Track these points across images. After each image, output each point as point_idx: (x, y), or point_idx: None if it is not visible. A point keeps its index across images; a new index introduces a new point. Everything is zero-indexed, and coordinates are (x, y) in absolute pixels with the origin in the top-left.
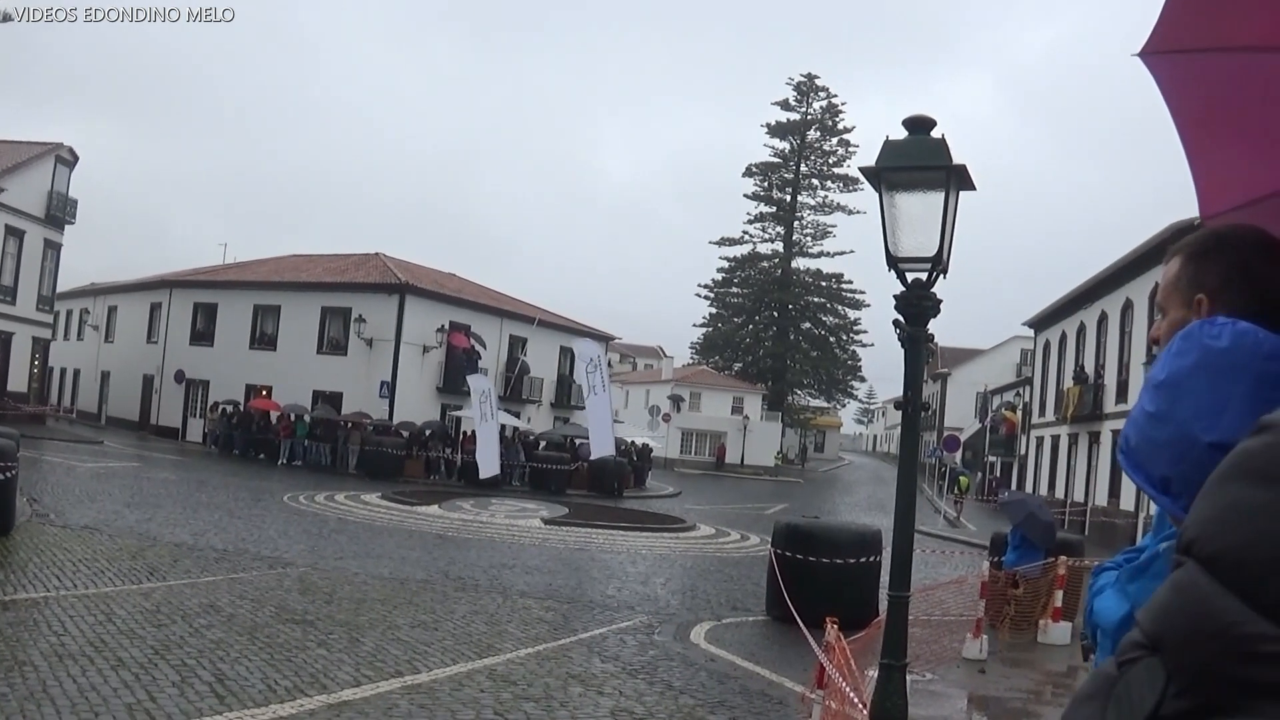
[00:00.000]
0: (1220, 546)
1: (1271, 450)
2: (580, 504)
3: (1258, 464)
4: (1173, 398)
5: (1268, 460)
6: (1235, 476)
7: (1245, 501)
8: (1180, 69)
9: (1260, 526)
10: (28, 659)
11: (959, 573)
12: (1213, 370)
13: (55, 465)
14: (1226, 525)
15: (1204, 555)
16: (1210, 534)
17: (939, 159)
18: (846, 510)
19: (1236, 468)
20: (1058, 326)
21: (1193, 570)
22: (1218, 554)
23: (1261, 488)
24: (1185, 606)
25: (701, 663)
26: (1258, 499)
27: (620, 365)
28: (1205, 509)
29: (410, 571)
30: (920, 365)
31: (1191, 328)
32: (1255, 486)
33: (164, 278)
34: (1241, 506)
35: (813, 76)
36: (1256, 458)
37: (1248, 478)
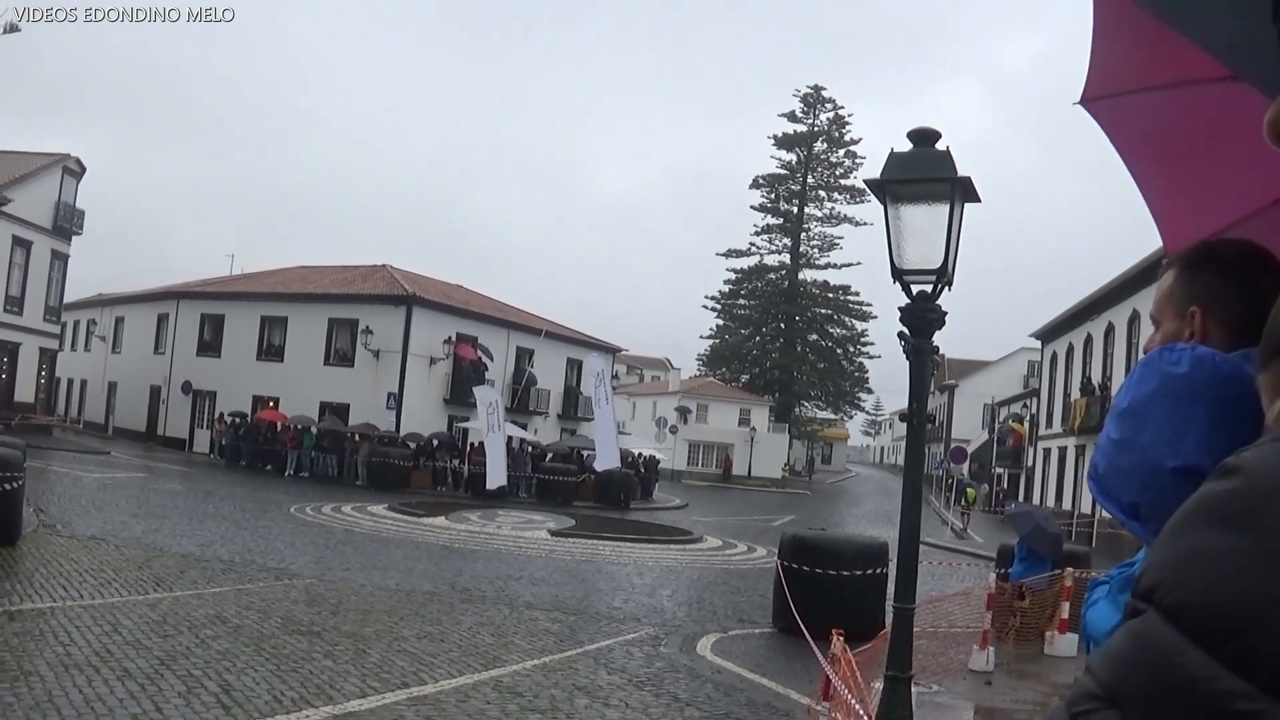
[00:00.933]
0: (1185, 596)
1: (1238, 496)
2: (587, 516)
3: (1223, 510)
4: (1136, 424)
5: (1233, 506)
6: (1199, 522)
7: (1211, 549)
8: (1121, 112)
9: (1228, 576)
10: (34, 669)
11: (966, 585)
12: (1173, 396)
13: (62, 475)
14: (1191, 574)
15: (1166, 604)
16: (1174, 582)
17: (944, 171)
18: (853, 522)
19: (1200, 512)
20: (1065, 338)
21: (1154, 620)
22: (1182, 604)
23: (1229, 534)
24: (1146, 659)
25: (708, 675)
26: (1227, 547)
27: (627, 377)
28: (1167, 554)
29: (417, 583)
30: (925, 377)
31: (1151, 355)
32: (1220, 532)
33: (171, 289)
34: (1207, 554)
35: (819, 88)
36: (1222, 502)
37: (1212, 524)
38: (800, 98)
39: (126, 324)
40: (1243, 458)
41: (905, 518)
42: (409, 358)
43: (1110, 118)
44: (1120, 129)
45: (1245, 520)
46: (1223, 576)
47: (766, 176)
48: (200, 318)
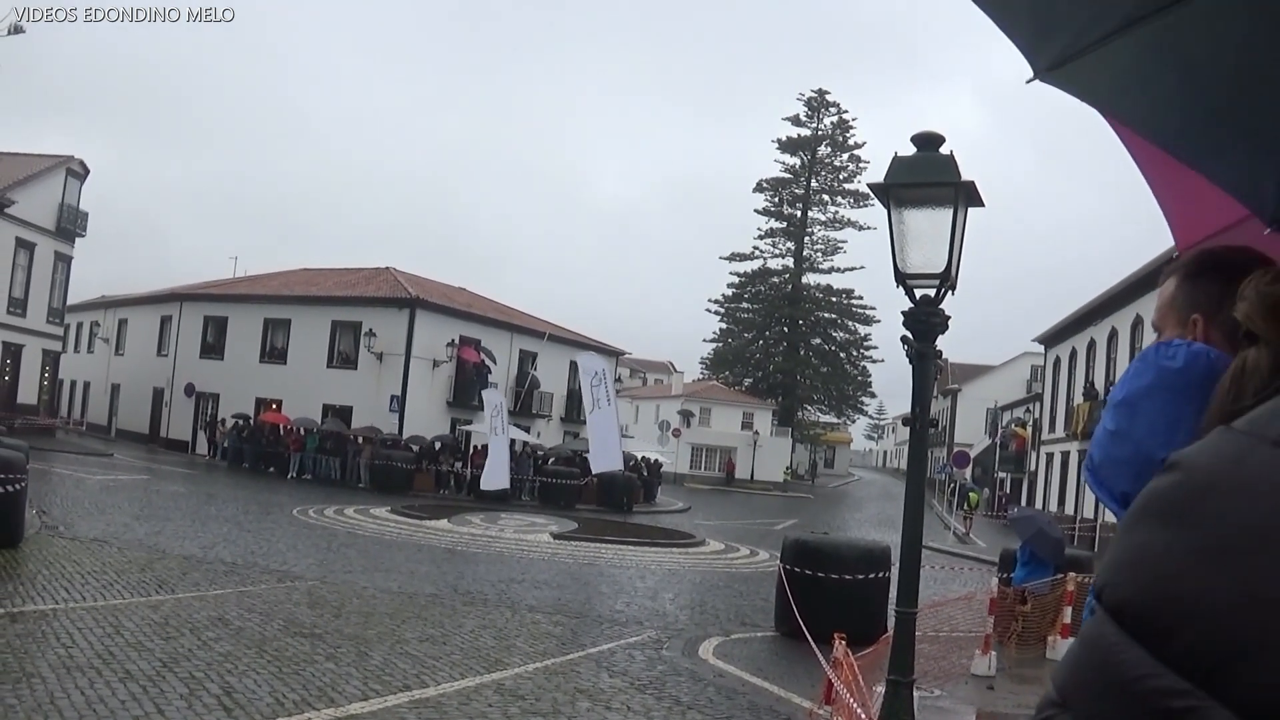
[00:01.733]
0: (1126, 594)
1: (1178, 489)
2: (589, 519)
3: (1164, 504)
4: (1130, 416)
5: (1173, 500)
6: (1142, 518)
7: (1150, 545)
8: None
9: (1165, 572)
10: (36, 671)
11: (968, 589)
12: (1168, 390)
13: (65, 477)
14: (1132, 572)
15: (1111, 603)
16: (1117, 580)
17: (947, 175)
18: (856, 526)
19: (1144, 509)
20: (1068, 343)
21: (1100, 620)
22: (1123, 602)
23: (1167, 529)
24: (1091, 659)
25: (709, 678)
26: (1163, 542)
27: (630, 380)
28: (1114, 553)
29: (419, 586)
30: (928, 381)
31: (1148, 350)
32: (1162, 528)
33: (174, 290)
34: (1147, 550)
35: (823, 92)
36: (1162, 497)
37: (1155, 519)
38: (804, 101)
39: (130, 326)
40: (1182, 453)
41: (907, 522)
42: (412, 360)
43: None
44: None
45: (1182, 516)
46: (1161, 574)
47: (770, 180)
48: (203, 320)
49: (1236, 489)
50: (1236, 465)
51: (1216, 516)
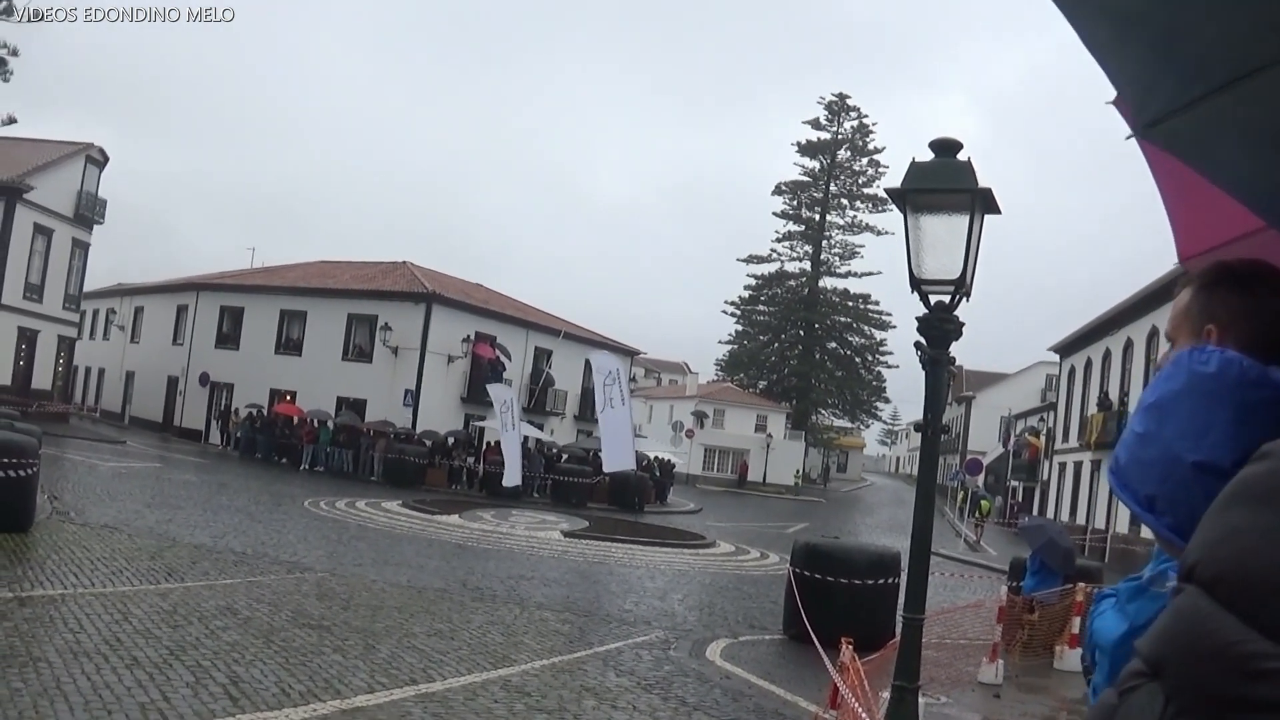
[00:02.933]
0: (1221, 569)
1: (1270, 476)
2: (601, 518)
3: (1259, 489)
4: (1160, 419)
5: (1264, 486)
6: (1237, 502)
7: (1247, 525)
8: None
9: (1260, 548)
10: (43, 655)
11: (977, 596)
12: (1199, 394)
13: (77, 464)
14: (1227, 549)
15: (1205, 578)
16: (1211, 557)
17: (964, 182)
18: (866, 531)
19: (1238, 494)
20: (1083, 353)
21: (1194, 594)
22: (1219, 576)
23: (1263, 512)
24: (1186, 629)
25: (716, 680)
26: (1259, 523)
27: (645, 380)
28: (1207, 534)
29: (428, 580)
30: (941, 387)
31: (1181, 354)
32: (1256, 511)
33: (191, 280)
34: (1243, 530)
35: (844, 96)
36: (1258, 483)
37: (1249, 503)
38: (825, 105)
39: (146, 314)
40: (1273, 444)
41: (917, 528)
42: (427, 355)
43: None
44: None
45: (1273, 499)
46: (1254, 549)
47: (789, 183)
48: (220, 310)
49: None
50: None
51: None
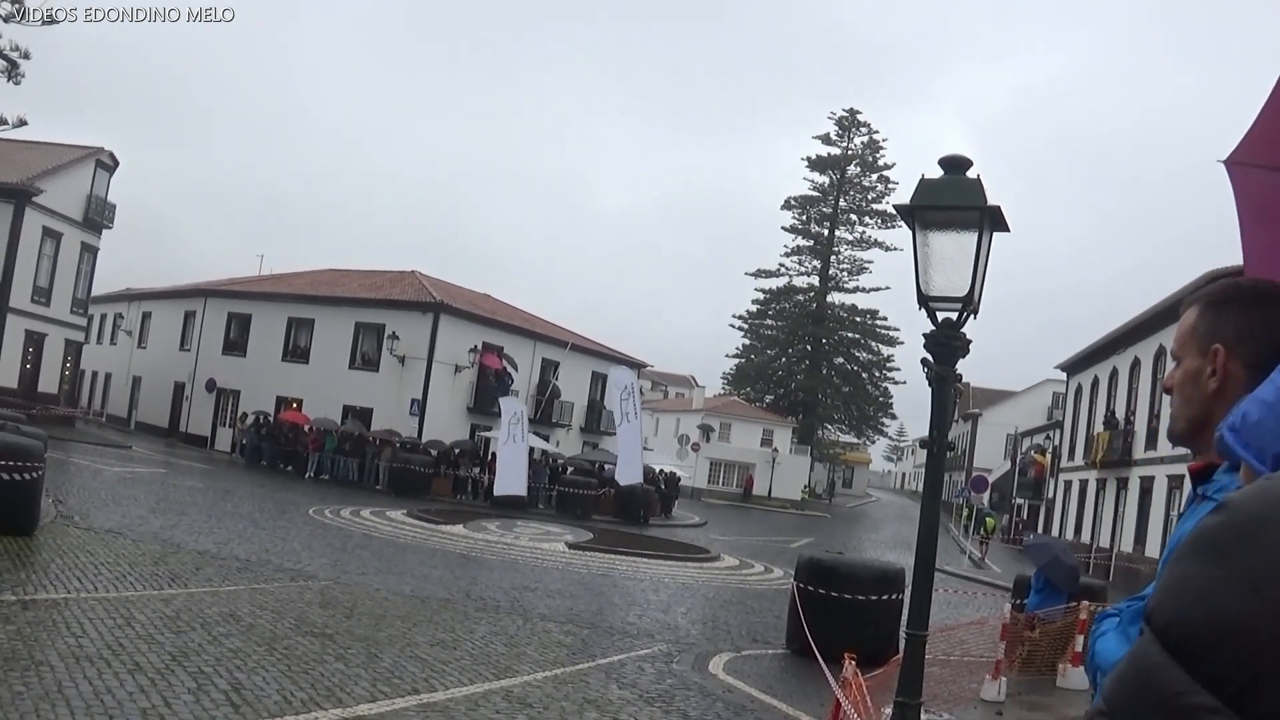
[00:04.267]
0: (1170, 619)
1: (1224, 530)
2: (605, 530)
3: (1210, 542)
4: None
5: (1218, 539)
6: (1191, 552)
7: (1196, 577)
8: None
9: (1207, 601)
10: (45, 659)
11: (981, 614)
12: None
13: (82, 468)
14: (1178, 598)
15: (1158, 626)
16: (1164, 606)
17: (974, 199)
18: (871, 547)
19: (1194, 544)
20: (1090, 371)
21: (1148, 640)
22: (1169, 625)
23: (1212, 564)
24: (1137, 675)
25: (719, 694)
26: (1207, 575)
27: (651, 393)
28: (1164, 581)
29: (432, 590)
30: (947, 404)
31: None
32: (1206, 563)
33: (199, 286)
34: (1193, 581)
35: (854, 111)
36: (1211, 536)
37: (1201, 554)
38: (835, 120)
39: (153, 319)
40: (1231, 496)
41: (921, 544)
42: (434, 365)
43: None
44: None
45: (1225, 552)
46: (1202, 602)
47: (798, 198)
48: (227, 316)
49: (1273, 529)
50: (1276, 508)
51: (1253, 553)
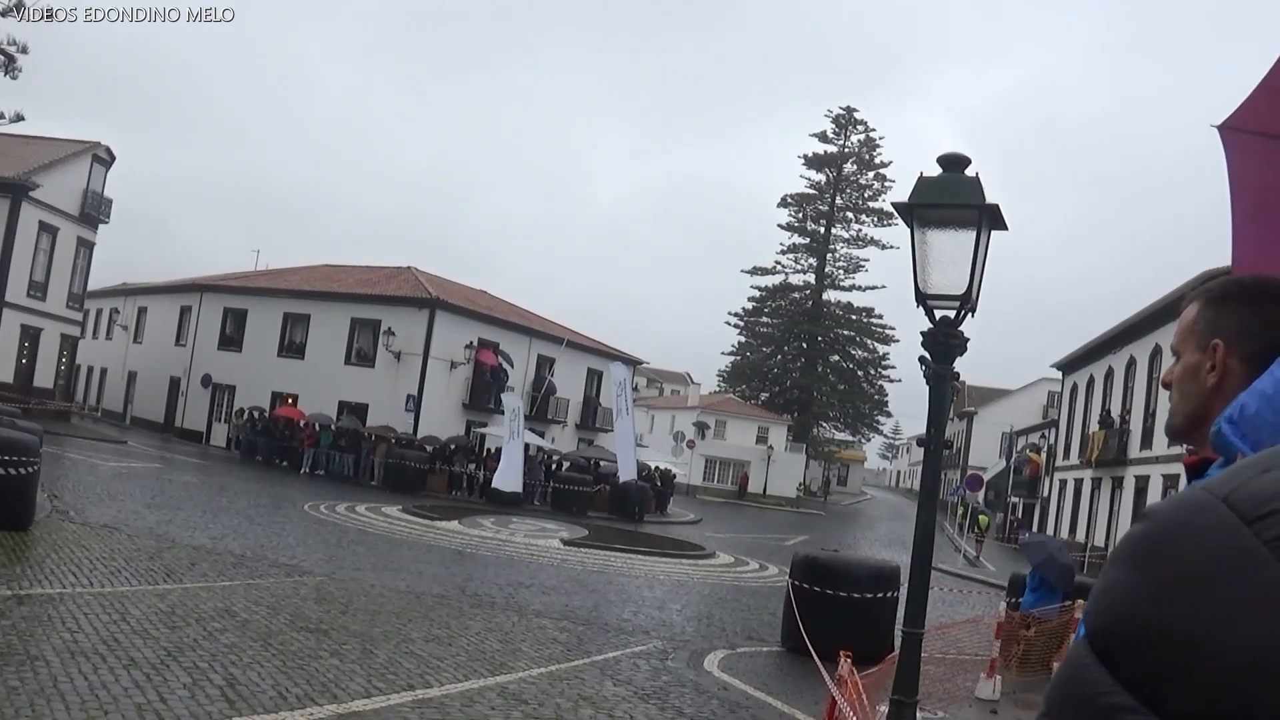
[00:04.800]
0: (1096, 623)
1: (1144, 538)
2: (601, 526)
3: (1132, 549)
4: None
5: (1138, 547)
6: (1117, 559)
7: (1118, 583)
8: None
9: (1126, 607)
10: (40, 654)
11: (976, 612)
12: None
13: (77, 463)
14: (1102, 603)
15: (1088, 629)
16: (1092, 610)
17: (972, 197)
18: (866, 545)
19: (1119, 551)
20: (1086, 370)
21: (1080, 643)
22: (1095, 630)
23: (1132, 571)
24: (1068, 676)
25: (714, 691)
26: (1128, 580)
27: (647, 390)
28: (1095, 587)
29: (427, 586)
30: (944, 403)
31: None
32: (1128, 569)
33: (195, 281)
34: (1115, 587)
35: (851, 110)
36: (1131, 544)
37: (1124, 561)
38: (832, 118)
39: (149, 314)
40: (1153, 506)
41: (918, 543)
42: (430, 361)
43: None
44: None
45: (1144, 559)
46: (1123, 607)
47: (795, 196)
48: (223, 311)
49: (1187, 538)
50: (1191, 517)
51: (1167, 561)
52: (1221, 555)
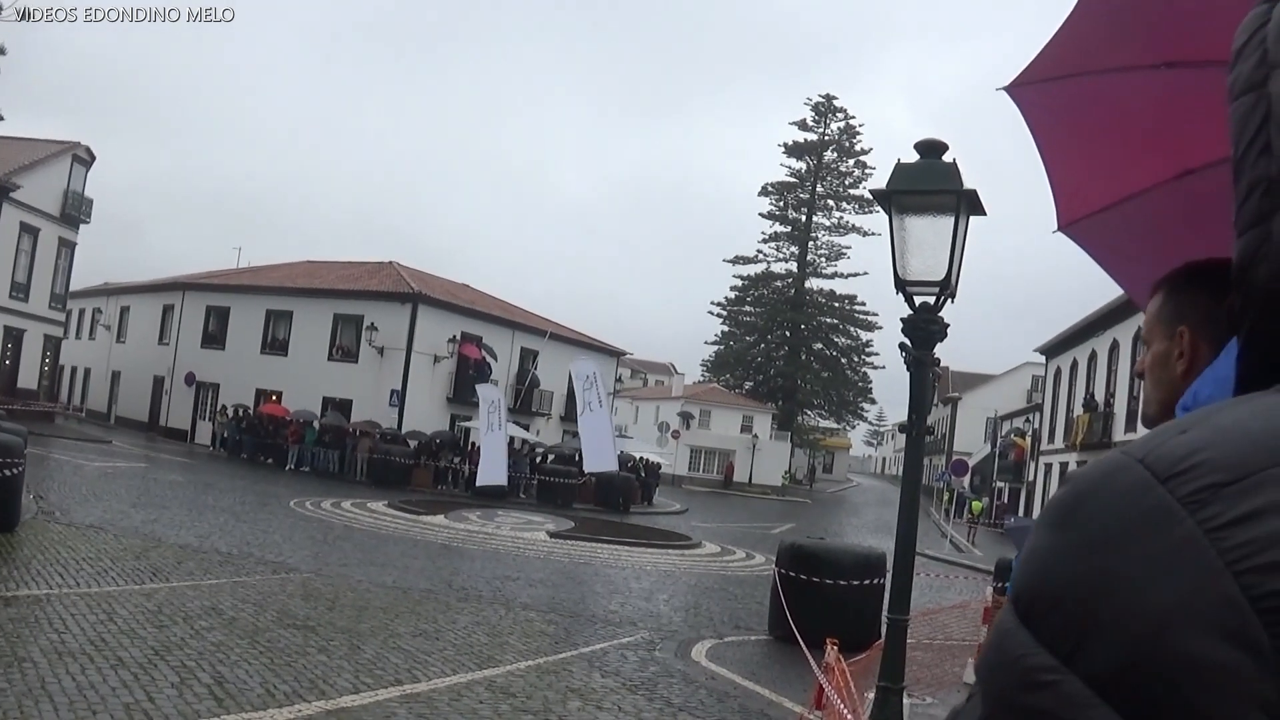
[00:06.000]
0: (1020, 586)
1: (1065, 500)
2: (586, 518)
3: (1053, 512)
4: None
5: (1060, 509)
6: (1040, 524)
7: (1041, 545)
8: (1042, 95)
9: (1045, 568)
10: (27, 655)
11: (962, 597)
12: None
13: (62, 463)
14: (1026, 566)
15: (1013, 594)
16: (1018, 574)
17: (950, 183)
18: (852, 532)
19: (1043, 516)
20: (1069, 354)
21: (1006, 609)
22: (1019, 593)
23: (1053, 534)
24: (995, 641)
25: (702, 680)
26: (1047, 544)
27: (631, 381)
28: (1022, 552)
29: (413, 580)
30: (926, 388)
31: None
32: (1049, 532)
33: (177, 280)
34: (1037, 550)
35: (831, 98)
36: (1054, 506)
37: (1047, 525)
38: (812, 106)
39: (132, 314)
40: (1075, 471)
41: (902, 528)
42: (413, 355)
43: (1031, 100)
44: (1038, 110)
45: (1064, 521)
46: (1043, 568)
47: (776, 184)
48: (206, 310)
49: (1104, 498)
50: (1109, 479)
51: (1084, 521)
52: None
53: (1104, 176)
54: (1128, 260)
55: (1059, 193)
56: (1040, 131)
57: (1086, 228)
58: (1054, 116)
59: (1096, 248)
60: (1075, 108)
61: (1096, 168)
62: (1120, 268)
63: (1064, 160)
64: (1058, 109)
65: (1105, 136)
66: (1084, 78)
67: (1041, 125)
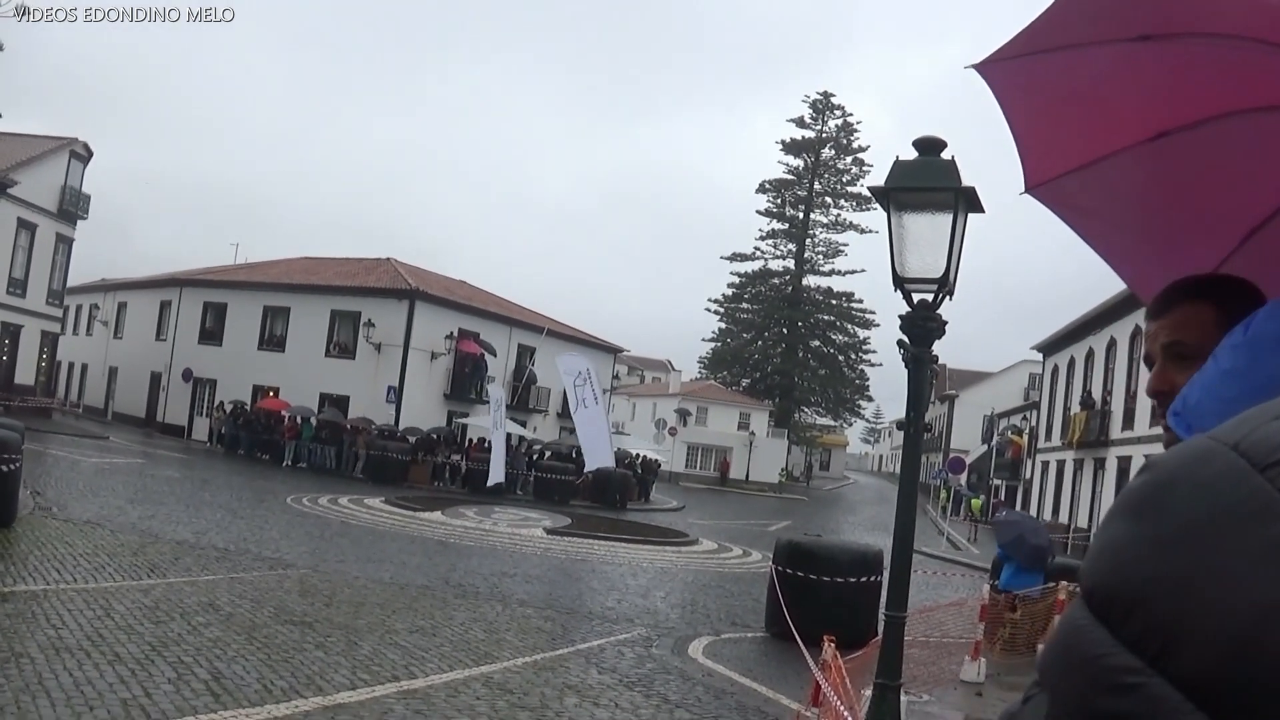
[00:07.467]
0: (1095, 581)
1: (1145, 489)
2: (583, 515)
3: (1134, 502)
4: (1253, 356)
5: (1140, 498)
6: (1117, 514)
7: (1119, 537)
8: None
9: (1125, 562)
10: (24, 651)
11: (959, 595)
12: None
13: (60, 459)
14: (1103, 561)
15: (1085, 588)
16: (1090, 568)
17: (948, 180)
18: (849, 529)
19: (1119, 506)
20: (1066, 351)
21: (1077, 605)
22: (1094, 588)
23: (1135, 524)
24: (1065, 639)
25: (698, 677)
26: (1130, 534)
27: (628, 378)
28: (1094, 544)
29: (410, 577)
30: (923, 386)
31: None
32: (1130, 523)
33: (174, 276)
34: (1114, 542)
35: (829, 95)
36: (1134, 496)
37: (1126, 515)
38: (809, 103)
39: (129, 310)
40: (1155, 456)
41: (899, 526)
42: (410, 352)
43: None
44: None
45: (1146, 511)
46: (1124, 562)
47: (773, 181)
48: (203, 306)
49: (1192, 487)
50: (1196, 466)
51: (1171, 512)
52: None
53: (1075, 138)
54: (1097, 221)
55: (1026, 155)
56: (1009, 103)
57: (1055, 188)
58: (1025, 87)
59: (1065, 209)
60: (1048, 78)
61: (1068, 130)
62: (1089, 229)
63: (1033, 126)
64: (1029, 82)
65: (1078, 102)
66: (1058, 52)
67: (1010, 97)
